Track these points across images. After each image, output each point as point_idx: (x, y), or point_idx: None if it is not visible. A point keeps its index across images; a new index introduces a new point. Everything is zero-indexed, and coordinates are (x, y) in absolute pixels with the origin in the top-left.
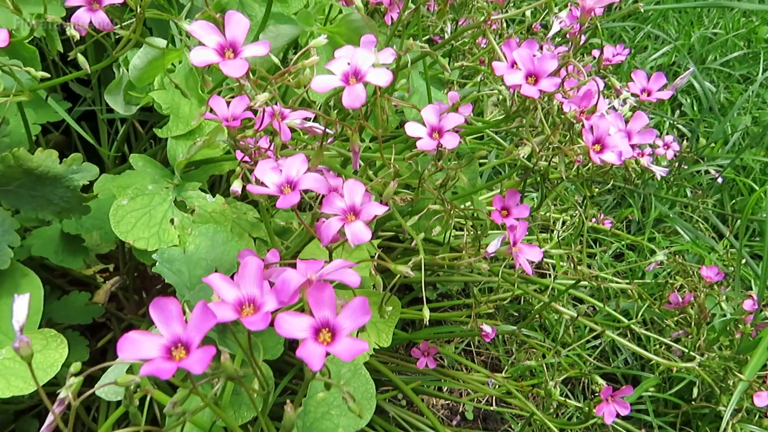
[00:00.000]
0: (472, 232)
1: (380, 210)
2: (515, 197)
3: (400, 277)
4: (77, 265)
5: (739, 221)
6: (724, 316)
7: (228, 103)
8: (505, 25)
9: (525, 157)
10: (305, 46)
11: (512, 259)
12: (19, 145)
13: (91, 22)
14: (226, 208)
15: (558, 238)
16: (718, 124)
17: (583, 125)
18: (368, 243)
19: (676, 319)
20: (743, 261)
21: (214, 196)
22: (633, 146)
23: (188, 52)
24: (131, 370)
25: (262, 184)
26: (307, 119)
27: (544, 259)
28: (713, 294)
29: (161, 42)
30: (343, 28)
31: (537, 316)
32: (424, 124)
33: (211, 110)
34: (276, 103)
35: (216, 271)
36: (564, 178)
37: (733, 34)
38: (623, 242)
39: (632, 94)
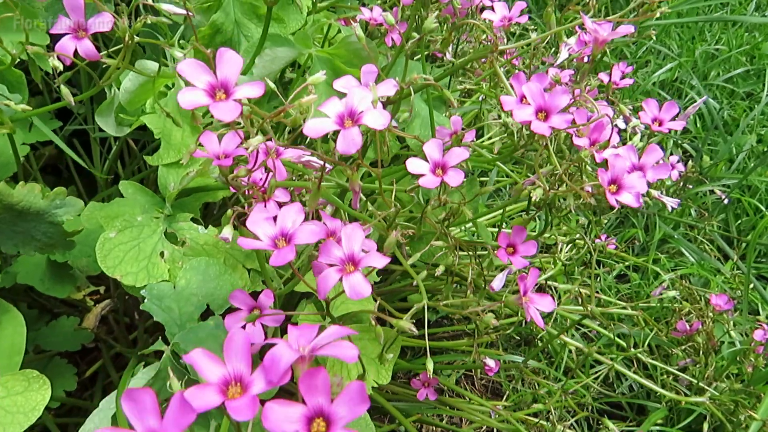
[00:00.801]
0: (476, 268)
1: (381, 263)
2: (521, 234)
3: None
4: (64, 294)
5: (744, 243)
6: (733, 343)
7: (220, 138)
8: (506, 41)
9: (537, 198)
10: (303, 66)
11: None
12: (7, 165)
13: (76, 51)
14: (218, 239)
15: (562, 262)
16: (723, 143)
17: (593, 157)
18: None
19: (684, 347)
20: (751, 285)
21: (206, 225)
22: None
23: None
24: (115, 419)
25: (255, 236)
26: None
27: (548, 282)
28: (721, 320)
29: (152, 65)
30: (343, 50)
31: (540, 340)
32: (426, 159)
33: (201, 146)
34: (270, 140)
35: (207, 307)
36: (573, 210)
37: (737, 50)
38: (627, 263)
39: (643, 124)
